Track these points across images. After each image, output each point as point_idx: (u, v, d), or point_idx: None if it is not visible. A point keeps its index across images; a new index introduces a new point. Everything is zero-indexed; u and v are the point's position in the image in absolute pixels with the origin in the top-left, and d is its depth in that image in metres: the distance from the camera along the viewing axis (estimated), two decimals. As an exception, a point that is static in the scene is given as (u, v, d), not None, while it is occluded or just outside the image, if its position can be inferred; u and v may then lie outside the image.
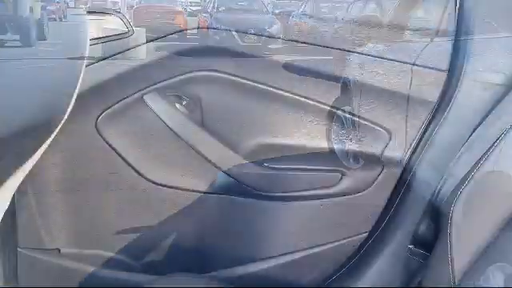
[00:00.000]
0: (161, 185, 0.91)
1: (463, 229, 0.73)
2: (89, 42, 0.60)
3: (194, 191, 0.92)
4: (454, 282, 0.70)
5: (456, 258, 0.71)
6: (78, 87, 0.60)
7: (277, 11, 3.07)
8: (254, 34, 1.43)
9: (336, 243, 0.92)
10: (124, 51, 0.81)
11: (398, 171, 0.90)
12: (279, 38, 0.83)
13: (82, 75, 0.59)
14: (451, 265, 0.72)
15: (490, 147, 0.74)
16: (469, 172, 0.75)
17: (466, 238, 0.72)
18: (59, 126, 0.64)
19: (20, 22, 0.66)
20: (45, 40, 0.72)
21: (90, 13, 0.75)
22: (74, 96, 0.61)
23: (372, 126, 0.90)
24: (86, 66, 0.66)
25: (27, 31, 0.66)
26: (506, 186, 0.69)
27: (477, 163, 0.74)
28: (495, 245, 0.67)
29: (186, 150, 0.89)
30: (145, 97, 0.87)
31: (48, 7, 0.79)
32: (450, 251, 0.73)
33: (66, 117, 0.63)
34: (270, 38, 0.89)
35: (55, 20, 0.82)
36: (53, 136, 0.64)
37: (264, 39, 0.91)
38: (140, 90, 0.87)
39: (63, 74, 0.55)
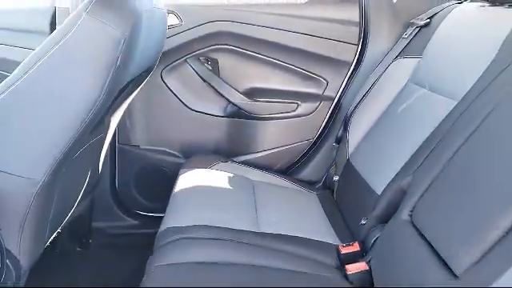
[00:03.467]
0: (196, 111, 1.53)
1: (356, 125, 1.36)
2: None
3: (214, 115, 1.54)
4: (348, 156, 1.33)
5: (350, 140, 1.34)
6: (160, 53, 1.25)
7: None
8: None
9: (294, 144, 1.55)
10: (177, 34, 1.48)
11: (331, 102, 1.54)
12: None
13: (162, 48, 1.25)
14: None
15: (373, 82, 1.38)
16: (363, 95, 1.38)
17: (356, 130, 1.34)
18: (150, 74, 1.29)
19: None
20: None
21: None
22: (158, 57, 1.26)
23: (317, 77, 1.52)
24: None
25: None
26: (372, 106, 1.31)
27: (368, 90, 1.38)
28: (368, 134, 1.29)
29: (209, 90, 1.52)
30: (187, 60, 1.51)
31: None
32: (345, 141, 1.36)
33: (154, 69, 1.27)
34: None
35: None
36: (147, 79, 1.28)
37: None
38: (184, 56, 1.50)
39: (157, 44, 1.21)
